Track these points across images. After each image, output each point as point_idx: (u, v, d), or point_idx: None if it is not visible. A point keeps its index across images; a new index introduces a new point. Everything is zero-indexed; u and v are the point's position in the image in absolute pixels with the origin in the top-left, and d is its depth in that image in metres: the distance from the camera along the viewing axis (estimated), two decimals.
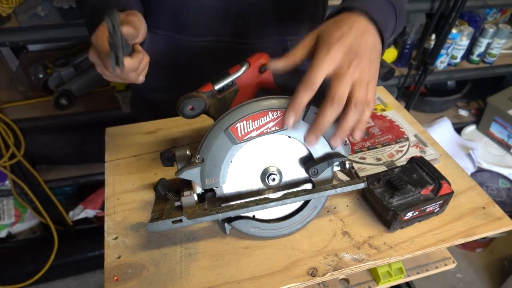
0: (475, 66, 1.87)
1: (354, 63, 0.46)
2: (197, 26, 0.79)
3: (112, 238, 0.60)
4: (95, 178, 1.71)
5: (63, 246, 1.66)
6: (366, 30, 0.49)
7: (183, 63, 0.84)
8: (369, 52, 0.48)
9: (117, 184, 0.70)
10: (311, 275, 0.55)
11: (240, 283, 0.54)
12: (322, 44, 0.47)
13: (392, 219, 0.59)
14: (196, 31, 0.80)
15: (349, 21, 0.48)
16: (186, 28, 0.80)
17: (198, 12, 0.77)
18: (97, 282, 1.77)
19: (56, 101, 1.42)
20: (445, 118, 2.11)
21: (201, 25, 0.79)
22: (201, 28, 0.79)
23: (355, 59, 0.46)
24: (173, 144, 0.78)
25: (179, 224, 0.52)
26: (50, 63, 1.47)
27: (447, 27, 1.58)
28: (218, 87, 0.59)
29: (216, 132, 0.52)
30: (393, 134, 0.80)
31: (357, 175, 0.58)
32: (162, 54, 0.83)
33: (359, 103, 0.46)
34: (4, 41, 1.24)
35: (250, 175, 0.57)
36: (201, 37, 0.80)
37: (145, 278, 0.55)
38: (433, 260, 0.70)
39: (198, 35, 0.80)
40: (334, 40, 0.46)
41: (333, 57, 0.45)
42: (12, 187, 1.61)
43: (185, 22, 0.79)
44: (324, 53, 0.45)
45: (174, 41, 0.82)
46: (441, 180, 0.61)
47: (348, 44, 0.46)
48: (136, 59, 0.55)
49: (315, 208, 0.60)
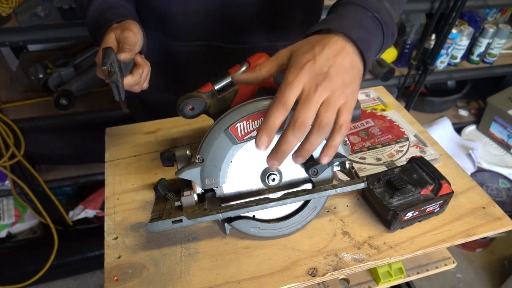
0: (475, 66, 1.87)
1: (322, 86, 0.44)
2: (184, 31, 0.79)
3: (112, 238, 0.60)
4: (95, 178, 1.71)
5: (63, 246, 1.66)
6: (341, 50, 0.47)
7: (175, 65, 0.85)
8: (344, 73, 0.46)
9: (117, 184, 0.70)
10: (311, 275, 0.55)
11: (240, 283, 0.54)
12: (292, 64, 0.46)
13: (392, 219, 0.59)
14: (184, 35, 0.80)
15: (323, 41, 0.47)
16: (174, 33, 0.80)
17: (184, 17, 0.77)
18: (97, 282, 1.77)
19: (56, 101, 1.42)
20: (445, 118, 2.11)
21: (188, 30, 0.79)
22: (188, 33, 0.79)
23: (324, 82, 0.45)
24: (173, 144, 0.79)
25: (179, 224, 0.52)
26: (50, 63, 1.47)
27: (447, 27, 1.58)
28: (218, 87, 0.59)
29: (216, 132, 0.52)
30: (393, 134, 0.80)
31: (357, 175, 0.58)
32: (156, 54, 0.83)
33: (323, 127, 0.45)
34: (4, 41, 1.24)
35: (250, 175, 0.57)
36: (189, 42, 0.80)
37: (145, 278, 0.55)
38: (433, 260, 0.70)
39: (186, 40, 0.80)
40: (304, 61, 0.45)
41: (302, 80, 0.45)
42: (12, 187, 1.61)
43: (173, 27, 0.79)
44: (293, 76, 0.45)
45: (165, 44, 0.82)
46: (441, 180, 0.61)
47: (318, 66, 0.45)
48: (136, 75, 0.61)
49: (315, 208, 0.60)
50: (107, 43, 0.60)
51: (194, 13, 0.76)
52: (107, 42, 0.61)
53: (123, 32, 0.61)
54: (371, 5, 0.53)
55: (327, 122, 0.45)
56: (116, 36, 0.61)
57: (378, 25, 0.53)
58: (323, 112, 0.45)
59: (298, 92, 0.45)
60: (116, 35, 0.61)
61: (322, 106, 0.45)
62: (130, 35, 0.61)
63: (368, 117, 0.84)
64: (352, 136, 0.79)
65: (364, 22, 0.52)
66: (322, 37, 0.48)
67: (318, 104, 0.45)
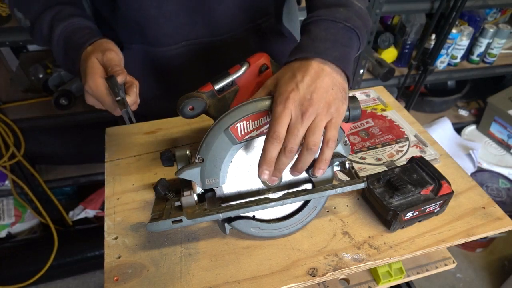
0: (475, 66, 1.87)
1: (308, 113, 0.49)
2: (165, 35, 0.77)
3: (112, 238, 0.60)
4: (95, 178, 1.71)
5: (63, 246, 1.66)
6: (320, 72, 0.51)
7: (164, 72, 0.83)
8: (326, 94, 0.50)
9: (117, 184, 0.70)
10: (311, 275, 0.55)
11: (240, 283, 0.54)
12: (278, 95, 0.51)
13: (392, 219, 0.59)
14: (166, 40, 0.78)
15: (303, 68, 0.51)
16: (155, 39, 0.77)
17: (163, 22, 0.74)
18: (97, 282, 1.77)
19: (56, 101, 1.42)
20: (445, 118, 2.11)
21: (169, 34, 0.77)
22: (169, 36, 0.77)
23: (309, 109, 0.49)
24: (173, 144, 0.79)
25: (179, 224, 0.52)
26: (50, 63, 1.47)
27: (447, 27, 1.58)
28: (218, 87, 0.59)
29: (216, 132, 0.52)
30: (393, 134, 0.80)
31: (357, 175, 0.58)
32: (142, 66, 0.82)
33: (310, 148, 0.50)
34: (4, 41, 1.24)
35: (250, 175, 0.57)
36: (172, 46, 0.78)
37: (145, 278, 0.55)
38: (433, 260, 0.70)
39: (169, 44, 0.78)
40: (288, 91, 0.50)
41: (289, 111, 0.49)
42: (12, 187, 1.61)
43: (153, 34, 0.76)
44: (281, 108, 0.49)
45: (148, 53, 0.80)
46: (441, 180, 0.61)
47: (301, 94, 0.50)
48: (133, 94, 0.61)
49: (315, 208, 0.60)
50: (92, 69, 0.59)
51: (170, 14, 0.74)
52: (91, 67, 0.59)
53: (104, 54, 0.60)
54: (340, 16, 0.56)
55: (313, 144, 0.50)
56: (99, 60, 0.60)
57: (353, 32, 0.56)
58: (310, 136, 0.50)
59: (287, 123, 0.50)
60: (99, 59, 0.60)
61: (309, 131, 0.50)
62: (113, 56, 0.60)
63: (368, 117, 0.84)
64: (352, 136, 0.79)
65: (338, 36, 0.55)
66: (301, 63, 0.52)
67: (305, 130, 0.50)
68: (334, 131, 0.51)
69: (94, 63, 0.60)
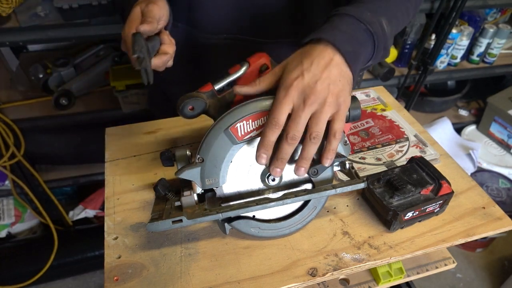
0: (475, 66, 1.87)
1: (310, 101, 0.49)
2: (210, 23, 0.79)
3: (112, 238, 0.60)
4: (95, 178, 1.71)
5: (63, 246, 1.66)
6: (329, 62, 0.51)
7: (201, 58, 0.85)
8: (332, 85, 0.50)
9: (117, 184, 0.70)
10: (311, 275, 0.55)
11: (240, 283, 0.54)
12: (282, 82, 0.51)
13: (392, 219, 0.59)
14: (210, 28, 0.80)
15: (313, 55, 0.51)
16: (201, 24, 0.80)
17: (211, 9, 0.77)
18: (97, 282, 1.77)
19: (56, 101, 1.42)
20: (445, 118, 2.11)
21: (214, 23, 0.79)
22: (215, 25, 0.80)
23: (311, 97, 0.49)
24: (173, 144, 0.79)
25: (179, 224, 0.52)
26: (50, 63, 1.47)
27: (447, 27, 1.58)
28: (218, 87, 0.59)
29: (216, 132, 0.52)
30: (393, 134, 0.80)
31: (357, 175, 0.58)
32: (182, 47, 0.82)
33: (313, 138, 0.50)
34: (4, 41, 1.24)
35: (250, 175, 0.57)
36: (214, 35, 0.81)
37: (145, 278, 0.55)
38: (433, 260, 0.70)
39: (212, 32, 0.80)
40: (293, 78, 0.50)
41: (291, 98, 0.49)
42: (12, 187, 1.61)
43: (200, 19, 0.79)
44: (283, 94, 0.49)
45: (191, 36, 0.82)
46: (441, 180, 0.61)
47: (305, 82, 0.49)
48: (159, 60, 0.60)
49: (315, 208, 0.60)
50: (132, 17, 0.60)
51: (222, 6, 0.76)
52: (132, 16, 0.60)
53: (147, 5, 0.61)
54: (365, 18, 0.56)
55: (316, 134, 0.50)
56: (141, 9, 0.61)
57: (370, 37, 0.56)
58: (313, 125, 0.50)
59: (288, 110, 0.50)
60: (141, 8, 0.61)
61: (312, 120, 0.50)
62: (155, 8, 0.61)
63: (368, 117, 0.84)
64: (352, 136, 0.79)
65: (357, 33, 0.55)
66: (312, 49, 0.52)
67: (307, 118, 0.50)
68: (341, 123, 0.51)
69: (135, 12, 0.61)
